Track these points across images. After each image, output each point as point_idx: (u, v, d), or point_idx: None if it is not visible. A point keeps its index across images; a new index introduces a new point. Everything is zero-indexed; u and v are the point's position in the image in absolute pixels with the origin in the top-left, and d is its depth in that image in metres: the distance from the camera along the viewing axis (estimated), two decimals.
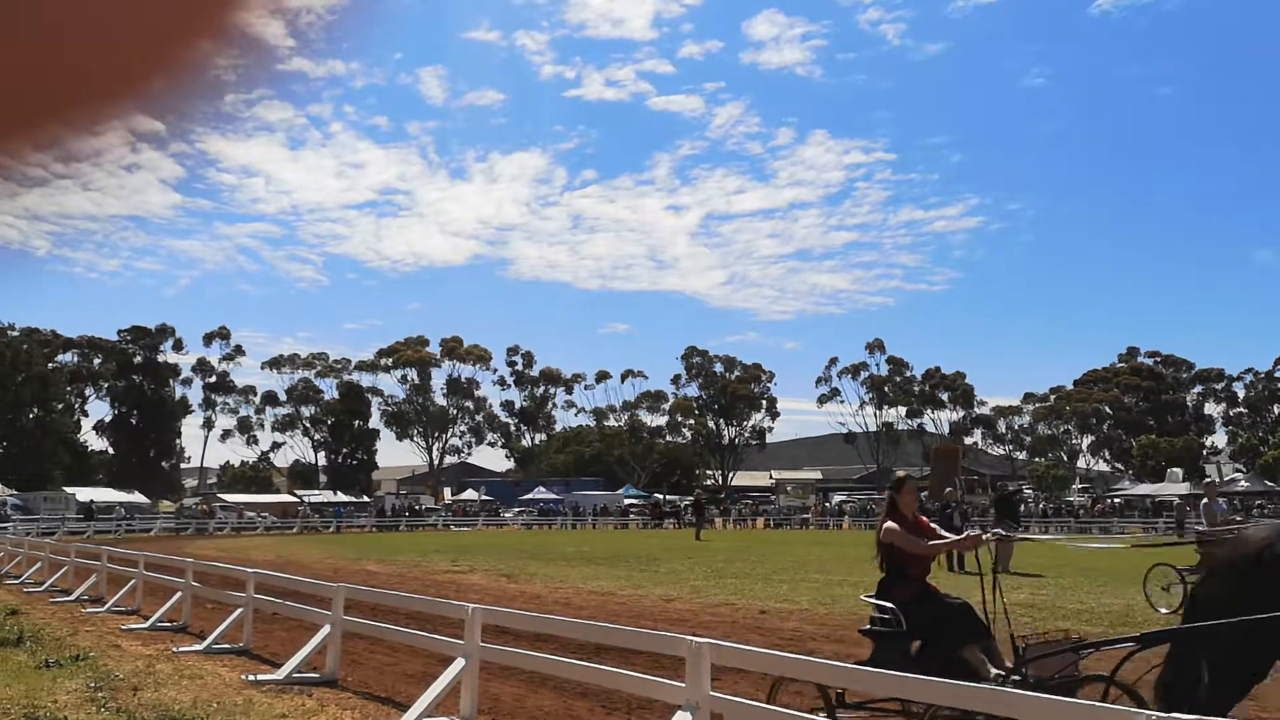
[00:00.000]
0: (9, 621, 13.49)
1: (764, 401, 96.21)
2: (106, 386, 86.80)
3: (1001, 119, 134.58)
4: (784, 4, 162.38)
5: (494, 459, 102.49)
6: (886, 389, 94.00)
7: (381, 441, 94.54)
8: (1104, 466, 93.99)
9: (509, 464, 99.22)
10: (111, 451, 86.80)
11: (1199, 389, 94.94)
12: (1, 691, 8.56)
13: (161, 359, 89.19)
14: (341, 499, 72.65)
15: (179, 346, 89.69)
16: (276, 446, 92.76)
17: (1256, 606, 5.08)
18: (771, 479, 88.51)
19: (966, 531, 7.51)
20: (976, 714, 5.01)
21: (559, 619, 9.84)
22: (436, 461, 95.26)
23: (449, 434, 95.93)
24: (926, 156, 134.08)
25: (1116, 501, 66.05)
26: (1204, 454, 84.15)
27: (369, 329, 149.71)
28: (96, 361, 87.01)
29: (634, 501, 72.05)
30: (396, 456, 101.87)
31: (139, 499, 66.49)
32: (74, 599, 16.90)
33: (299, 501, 69.55)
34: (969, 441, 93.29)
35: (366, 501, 73.72)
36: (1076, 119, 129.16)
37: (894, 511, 6.38)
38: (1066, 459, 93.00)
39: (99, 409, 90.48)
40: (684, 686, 5.85)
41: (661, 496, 74.01)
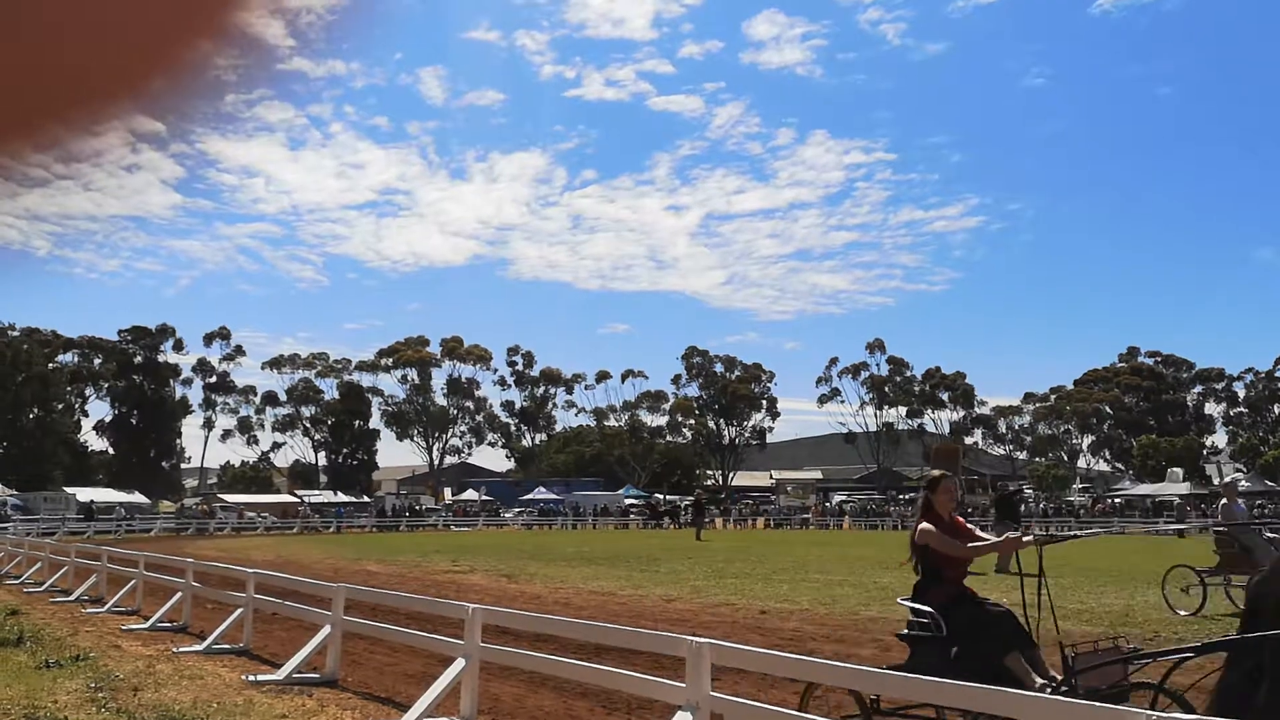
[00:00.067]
0: (9, 622, 13.49)
1: (764, 401, 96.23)
2: (107, 386, 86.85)
3: (1001, 119, 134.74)
4: (784, 4, 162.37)
5: (494, 459, 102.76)
6: (887, 389, 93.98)
7: (382, 442, 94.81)
8: (1104, 466, 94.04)
9: (509, 464, 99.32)
10: (112, 452, 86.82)
11: (1199, 389, 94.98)
12: (1, 692, 8.55)
13: (162, 359, 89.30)
14: (342, 499, 72.70)
15: (179, 347, 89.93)
16: (277, 447, 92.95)
17: None
18: (772, 479, 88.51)
19: (1006, 534, 7.30)
20: None
21: (559, 619, 9.84)
22: (437, 462, 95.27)
23: (449, 434, 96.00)
24: (926, 156, 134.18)
25: (1117, 501, 66.16)
26: (1204, 454, 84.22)
27: (369, 329, 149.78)
28: (97, 361, 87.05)
29: (634, 502, 72.08)
30: (397, 457, 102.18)
31: (139, 499, 66.57)
32: (74, 599, 16.90)
33: (299, 502, 69.59)
34: (969, 441, 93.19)
35: (367, 502, 73.76)
36: (1076, 119, 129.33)
37: (929, 512, 6.16)
38: (1067, 459, 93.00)
39: (99, 409, 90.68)
40: (684, 687, 5.85)
41: (661, 496, 74.05)
